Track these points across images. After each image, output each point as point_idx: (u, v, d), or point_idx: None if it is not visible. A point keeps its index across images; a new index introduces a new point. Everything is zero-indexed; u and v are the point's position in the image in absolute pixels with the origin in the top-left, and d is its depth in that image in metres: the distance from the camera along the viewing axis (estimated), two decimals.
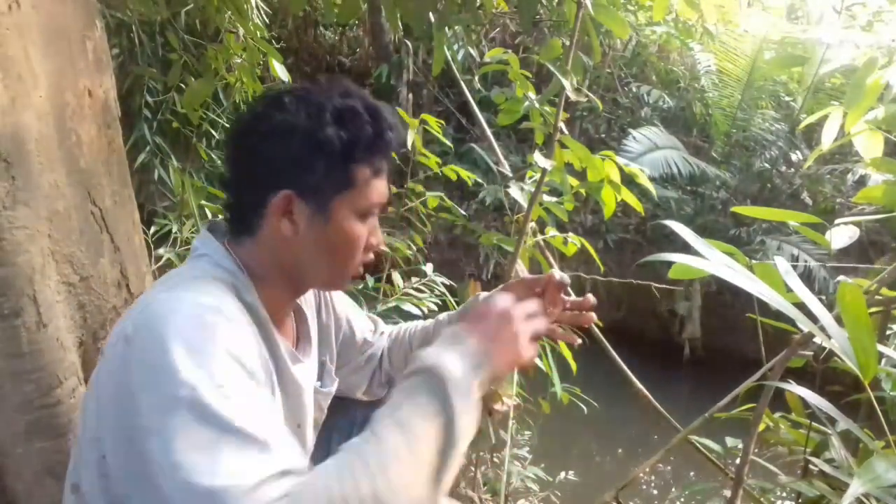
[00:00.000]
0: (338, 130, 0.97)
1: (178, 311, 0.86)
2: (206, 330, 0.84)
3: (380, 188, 1.03)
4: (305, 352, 1.18)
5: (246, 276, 1.01)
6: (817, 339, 1.14)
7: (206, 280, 0.95)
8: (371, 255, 1.09)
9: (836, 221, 1.39)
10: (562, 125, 1.75)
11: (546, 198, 1.86)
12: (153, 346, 0.82)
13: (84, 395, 1.02)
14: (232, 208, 1.05)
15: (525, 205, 1.78)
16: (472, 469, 2.36)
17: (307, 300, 1.23)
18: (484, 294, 1.22)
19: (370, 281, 2.54)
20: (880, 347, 1.05)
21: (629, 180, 1.81)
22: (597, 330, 1.90)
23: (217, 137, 4.08)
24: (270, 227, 1.01)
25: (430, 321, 1.37)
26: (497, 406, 1.18)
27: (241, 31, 2.55)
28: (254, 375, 0.84)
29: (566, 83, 1.68)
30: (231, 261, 1.01)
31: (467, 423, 0.83)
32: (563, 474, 2.99)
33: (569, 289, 1.13)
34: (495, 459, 2.55)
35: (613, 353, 1.82)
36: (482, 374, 0.88)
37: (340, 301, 1.32)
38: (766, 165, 5.94)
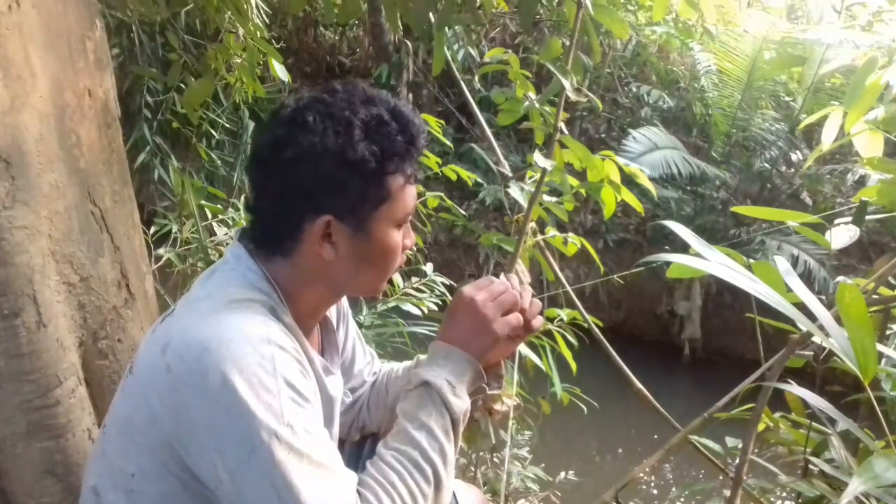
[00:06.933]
0: (369, 145, 0.95)
1: (232, 343, 0.86)
2: (264, 364, 0.86)
3: (413, 192, 1.03)
4: (334, 362, 1.16)
5: (280, 297, 0.99)
6: (817, 339, 1.14)
7: (246, 304, 0.93)
8: (405, 257, 1.09)
9: (836, 221, 1.39)
10: (562, 125, 1.75)
11: (546, 198, 1.85)
12: (214, 383, 0.84)
13: (114, 405, 1.01)
14: (261, 230, 1.01)
15: (525, 205, 1.78)
16: (472, 469, 2.36)
17: (330, 310, 1.19)
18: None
19: None
20: (880, 347, 1.05)
21: (629, 180, 1.81)
22: (597, 330, 1.90)
23: (217, 137, 4.09)
24: (308, 251, 0.99)
25: (404, 368, 1.31)
26: (497, 406, 1.18)
27: (241, 31, 2.54)
28: (308, 400, 0.90)
29: (566, 83, 1.68)
30: (265, 281, 0.99)
31: (463, 414, 1.01)
32: (563, 474, 2.99)
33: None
34: (495, 459, 2.55)
35: (613, 353, 1.82)
36: (469, 374, 1.02)
37: (352, 322, 1.29)
38: (766, 165, 5.94)
